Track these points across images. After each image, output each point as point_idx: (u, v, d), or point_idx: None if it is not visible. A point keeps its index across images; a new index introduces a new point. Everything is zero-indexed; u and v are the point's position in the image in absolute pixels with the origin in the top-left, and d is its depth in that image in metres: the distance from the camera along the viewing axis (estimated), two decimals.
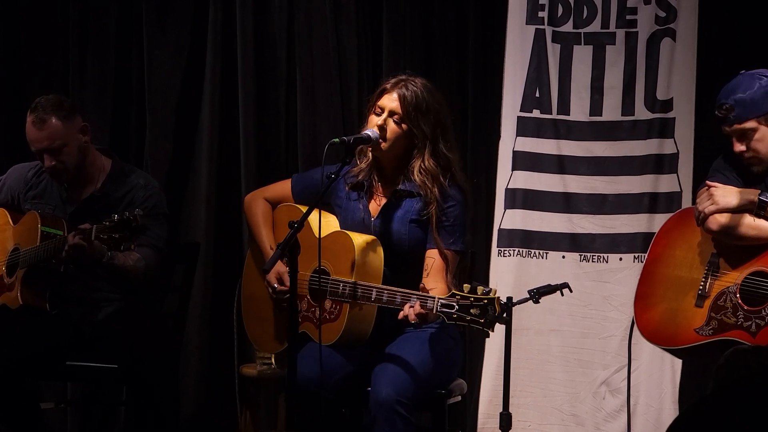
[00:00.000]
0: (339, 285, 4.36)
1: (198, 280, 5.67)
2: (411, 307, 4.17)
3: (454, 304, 4.08)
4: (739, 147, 4.46)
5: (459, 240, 4.48)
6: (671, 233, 4.64)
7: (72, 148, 4.93)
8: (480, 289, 4.07)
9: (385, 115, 4.45)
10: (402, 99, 4.44)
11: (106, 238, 4.52)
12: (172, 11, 5.99)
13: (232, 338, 5.05)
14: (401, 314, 4.19)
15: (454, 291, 4.11)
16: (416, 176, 4.46)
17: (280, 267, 4.48)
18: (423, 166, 4.45)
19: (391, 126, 4.45)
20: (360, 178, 4.56)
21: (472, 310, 4.05)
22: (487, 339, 5.44)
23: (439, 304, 4.11)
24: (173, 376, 5.09)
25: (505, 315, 4.08)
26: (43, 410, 4.99)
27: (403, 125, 4.45)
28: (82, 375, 4.97)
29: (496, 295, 4.06)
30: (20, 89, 6.06)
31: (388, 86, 4.48)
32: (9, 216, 5.09)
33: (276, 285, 4.52)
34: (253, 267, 4.76)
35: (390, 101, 4.45)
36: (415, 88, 4.45)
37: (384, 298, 4.26)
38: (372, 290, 4.30)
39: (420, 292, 4.25)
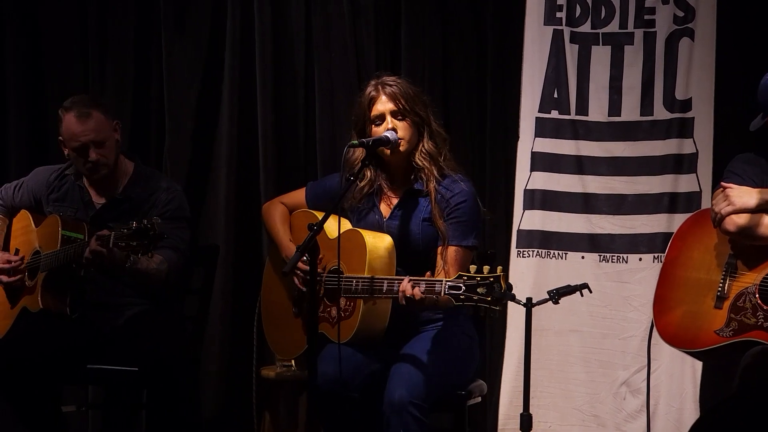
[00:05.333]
0: (352, 281, 4.37)
1: (217, 283, 5.68)
2: (414, 287, 4.19)
3: (461, 285, 4.08)
4: None
5: (470, 236, 4.49)
6: (687, 235, 4.63)
7: (112, 144, 4.99)
8: (486, 268, 4.08)
9: (388, 117, 4.50)
10: (393, 97, 4.51)
11: (124, 246, 4.53)
12: (191, 15, 6.01)
13: (251, 341, 5.06)
14: (401, 287, 4.21)
15: (460, 273, 4.12)
16: (418, 160, 4.52)
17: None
18: (424, 149, 4.52)
19: (402, 124, 4.51)
20: (369, 183, 4.61)
21: (478, 290, 4.05)
22: (507, 340, 5.49)
23: (447, 286, 4.12)
24: (193, 378, 5.11)
25: (512, 291, 4.08)
26: (64, 413, 5.00)
27: (408, 118, 4.52)
28: (103, 378, 4.97)
29: (502, 273, 4.06)
30: (41, 95, 6.10)
31: (373, 93, 4.54)
32: (31, 218, 5.12)
33: (299, 272, 4.56)
34: (271, 274, 4.80)
35: (384, 104, 4.52)
36: (393, 83, 4.55)
37: (395, 287, 4.27)
38: (383, 282, 4.32)
39: (428, 277, 4.25)
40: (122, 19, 6.05)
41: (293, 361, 5.19)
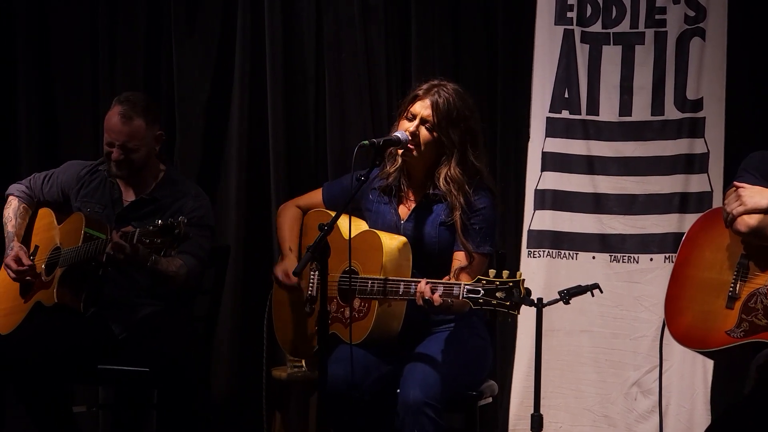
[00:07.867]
0: (368, 282, 4.36)
1: (228, 283, 5.68)
2: (432, 290, 4.17)
3: (480, 289, 4.08)
4: None
5: (487, 243, 4.47)
6: (699, 235, 4.61)
7: (143, 153, 4.97)
8: (506, 273, 4.08)
9: (417, 121, 4.45)
10: (434, 106, 4.43)
11: (148, 242, 4.54)
12: (201, 16, 6.01)
13: (262, 341, 5.06)
14: (418, 288, 4.20)
15: (479, 277, 4.12)
16: (441, 183, 4.46)
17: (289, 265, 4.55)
18: (449, 174, 4.44)
19: (423, 133, 4.45)
20: (389, 181, 4.57)
21: (497, 294, 4.06)
22: (517, 340, 5.49)
23: (465, 290, 4.11)
24: (204, 379, 5.11)
25: (531, 296, 4.09)
26: (75, 413, 5.00)
27: (434, 133, 4.44)
28: (114, 378, 4.98)
29: (522, 278, 4.06)
30: (51, 95, 6.10)
31: (421, 92, 4.47)
32: (54, 216, 5.12)
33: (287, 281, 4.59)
34: None
35: (423, 108, 4.45)
36: (447, 95, 4.44)
37: (411, 290, 4.27)
38: (399, 284, 4.31)
39: (446, 281, 4.25)
40: (132, 19, 6.05)
41: (304, 362, 5.19)
